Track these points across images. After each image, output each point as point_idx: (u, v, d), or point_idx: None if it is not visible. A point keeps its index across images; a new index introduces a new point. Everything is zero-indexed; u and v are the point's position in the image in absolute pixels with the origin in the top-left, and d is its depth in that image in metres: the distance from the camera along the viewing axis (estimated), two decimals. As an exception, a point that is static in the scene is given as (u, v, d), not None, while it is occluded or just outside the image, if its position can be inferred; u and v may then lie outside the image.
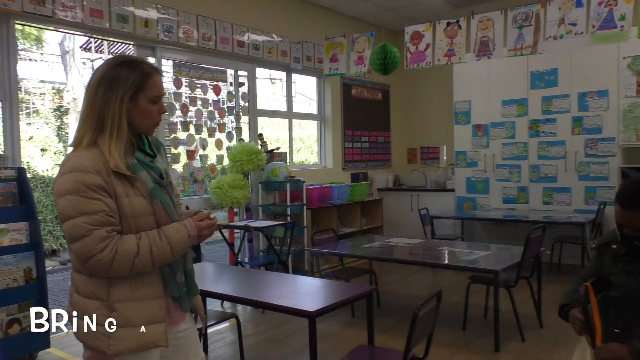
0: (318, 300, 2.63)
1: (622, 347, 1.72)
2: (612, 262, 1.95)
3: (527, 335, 3.67)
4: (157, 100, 1.58)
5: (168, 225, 1.56)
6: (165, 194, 1.61)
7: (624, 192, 1.88)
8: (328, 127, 6.85)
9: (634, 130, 5.42)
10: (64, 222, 1.45)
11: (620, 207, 1.86)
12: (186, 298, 1.65)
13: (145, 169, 1.56)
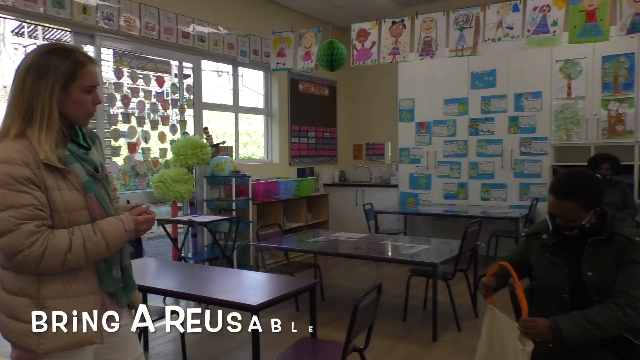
0: (261, 294, 2.64)
1: (545, 323, 1.79)
2: (540, 252, 2.02)
3: (463, 325, 3.83)
4: (91, 90, 1.53)
5: (103, 220, 1.52)
6: (100, 187, 1.56)
7: (558, 183, 1.96)
8: (275, 121, 6.83)
9: (564, 130, 5.75)
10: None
11: (554, 197, 1.92)
12: (123, 294, 1.61)
13: (79, 162, 1.51)
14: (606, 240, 1.90)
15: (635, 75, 5.34)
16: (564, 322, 1.76)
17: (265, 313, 4.23)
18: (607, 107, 5.50)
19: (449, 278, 3.81)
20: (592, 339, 1.76)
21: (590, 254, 1.91)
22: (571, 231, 1.91)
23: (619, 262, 1.86)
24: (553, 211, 1.94)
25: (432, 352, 3.36)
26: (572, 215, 1.89)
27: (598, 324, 1.74)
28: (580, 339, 1.75)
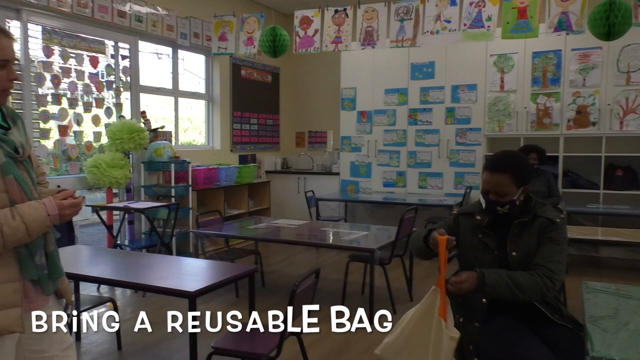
0: (199, 280, 2.62)
1: (472, 274, 1.91)
2: (472, 233, 2.11)
3: (399, 307, 3.96)
4: (4, 65, 1.45)
5: (24, 204, 1.45)
6: (22, 170, 1.50)
7: (492, 159, 2.08)
8: (216, 107, 6.72)
9: (497, 122, 6.02)
10: None
11: (489, 171, 2.03)
12: (47, 281, 1.55)
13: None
14: (529, 222, 2.04)
15: (561, 71, 5.66)
16: (489, 273, 1.90)
17: (205, 300, 4.22)
18: (536, 101, 5.81)
19: (385, 263, 3.92)
20: (509, 296, 1.89)
21: (515, 235, 2.04)
22: (503, 207, 2.01)
23: (539, 241, 2.01)
24: (487, 186, 2.05)
25: (368, 335, 3.45)
26: (505, 189, 2.00)
27: (519, 283, 1.88)
28: (499, 292, 1.88)
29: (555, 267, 1.92)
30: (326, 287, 4.60)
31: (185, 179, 5.47)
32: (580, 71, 5.58)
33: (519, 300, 1.91)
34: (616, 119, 5.46)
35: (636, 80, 5.36)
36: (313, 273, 2.43)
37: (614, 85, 5.45)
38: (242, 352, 2.41)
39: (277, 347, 2.31)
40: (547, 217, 2.02)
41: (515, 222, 2.05)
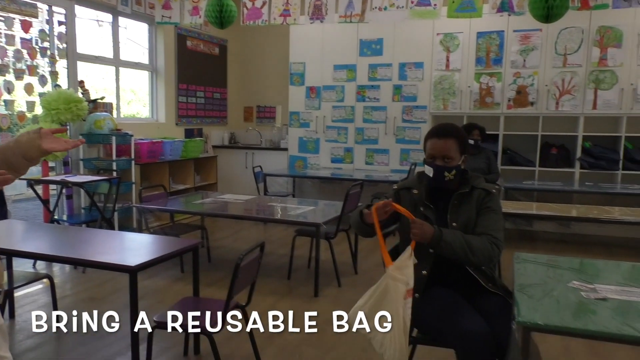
0: (141, 255, 2.56)
1: (430, 227, 1.97)
2: (412, 208, 2.16)
3: (344, 281, 4.05)
4: None
5: None
6: None
7: (438, 127, 2.16)
8: (160, 79, 6.50)
9: (442, 100, 6.16)
10: None
11: (437, 137, 2.11)
12: None
13: None
14: (468, 194, 2.13)
15: (504, 52, 5.84)
16: (446, 230, 1.99)
17: (149, 275, 4.16)
18: (479, 80, 5.98)
19: (331, 237, 3.98)
20: (462, 256, 1.97)
21: (455, 206, 2.13)
22: (450, 172, 2.09)
23: (478, 211, 2.11)
24: (434, 152, 2.11)
25: (312, 306, 3.53)
26: (452, 154, 2.09)
27: (472, 245, 1.97)
28: (454, 250, 1.96)
29: (498, 234, 2.04)
30: (273, 262, 4.62)
31: (128, 152, 5.29)
32: (521, 52, 5.78)
33: (468, 261, 2.00)
34: (553, 100, 5.72)
35: (572, 62, 5.61)
36: (257, 247, 2.44)
37: (551, 67, 5.68)
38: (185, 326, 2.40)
39: (221, 319, 2.30)
40: (483, 188, 2.13)
41: (455, 194, 2.13)
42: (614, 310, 1.68)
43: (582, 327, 1.55)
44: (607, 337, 1.53)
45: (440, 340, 1.95)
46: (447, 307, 1.98)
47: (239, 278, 2.25)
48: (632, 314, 1.65)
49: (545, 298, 1.79)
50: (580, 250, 5.15)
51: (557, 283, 1.97)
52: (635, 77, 5.42)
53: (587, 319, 1.60)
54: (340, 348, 2.87)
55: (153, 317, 2.37)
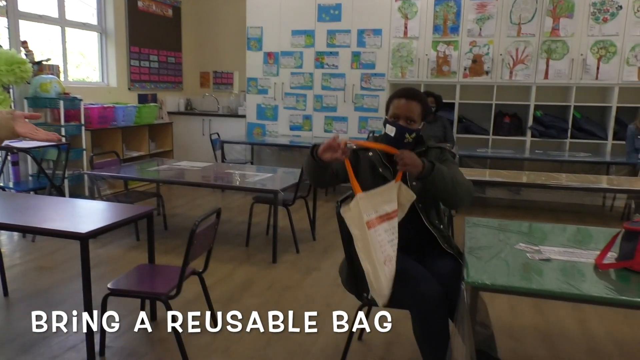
0: (92, 222, 2.49)
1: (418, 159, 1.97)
2: (371, 169, 2.19)
3: (302, 247, 4.09)
4: None
5: None
6: None
7: (406, 89, 2.17)
8: (110, 41, 6.22)
9: (399, 68, 6.18)
10: None
11: (404, 98, 2.11)
12: None
13: None
14: (424, 153, 2.17)
15: (460, 20, 5.89)
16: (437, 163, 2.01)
17: (103, 244, 4.07)
18: (437, 49, 6.02)
19: (289, 204, 3.99)
20: (449, 187, 1.99)
21: None
22: (410, 134, 2.11)
23: None
24: (399, 111, 2.12)
25: (270, 273, 3.55)
26: (415, 116, 2.12)
27: (457, 179, 2.02)
28: (444, 178, 1.97)
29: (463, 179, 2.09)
30: (231, 229, 4.61)
31: (77, 117, 5.08)
32: (477, 21, 5.84)
33: (454, 194, 2.01)
34: (507, 69, 5.83)
35: (526, 32, 5.72)
36: (214, 213, 2.42)
37: (506, 36, 5.78)
38: (141, 292, 2.38)
39: (177, 286, 2.29)
40: (437, 146, 2.20)
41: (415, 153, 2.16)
42: (556, 270, 1.77)
43: (527, 286, 1.63)
44: (549, 296, 1.61)
45: (395, 303, 2.00)
46: (402, 271, 2.03)
47: (194, 244, 2.23)
48: (573, 273, 1.75)
49: (493, 260, 1.87)
50: (530, 215, 5.38)
51: (505, 246, 2.05)
52: (585, 47, 5.59)
53: (531, 279, 1.68)
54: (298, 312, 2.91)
55: (107, 285, 2.33)
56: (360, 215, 1.86)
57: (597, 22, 5.54)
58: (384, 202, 1.92)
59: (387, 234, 1.89)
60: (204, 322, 2.75)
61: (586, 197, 5.90)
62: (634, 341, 2.65)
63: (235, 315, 2.86)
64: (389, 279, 1.88)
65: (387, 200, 1.93)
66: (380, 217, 1.90)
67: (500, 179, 4.48)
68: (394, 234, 1.91)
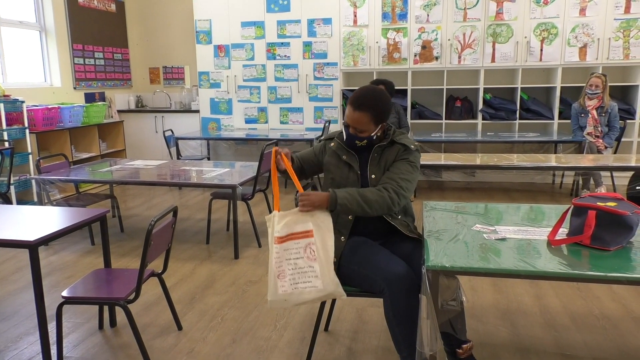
0: (41, 228, 2.38)
1: (320, 195, 2.01)
2: (337, 157, 2.23)
3: (263, 241, 4.05)
4: None
5: None
6: None
7: (356, 95, 2.15)
8: (51, 39, 5.95)
9: (351, 57, 6.19)
10: None
11: (352, 107, 2.13)
12: None
13: None
14: (388, 147, 2.20)
15: (408, 7, 5.94)
16: (340, 192, 2.02)
17: (55, 250, 3.92)
18: (387, 36, 6.06)
19: (248, 199, 3.94)
20: (360, 212, 2.03)
21: (375, 159, 2.19)
22: (361, 141, 2.14)
23: (394, 162, 2.17)
24: (349, 121, 2.15)
25: (233, 269, 3.51)
26: (364, 127, 2.12)
27: (367, 199, 2.02)
28: (351, 209, 2.01)
29: (403, 183, 2.09)
30: (190, 227, 4.52)
31: (20, 120, 4.85)
32: (424, 7, 5.91)
33: (368, 215, 2.05)
34: (455, 54, 5.94)
35: (472, 16, 5.83)
36: (170, 211, 2.35)
37: (453, 22, 5.88)
38: (97, 299, 2.30)
39: (136, 289, 2.23)
40: (403, 144, 2.19)
41: (375, 147, 2.19)
42: (512, 248, 1.83)
43: (485, 266, 1.67)
44: (507, 274, 1.66)
45: (365, 288, 2.02)
46: (369, 254, 2.05)
47: (151, 245, 2.17)
48: (527, 250, 1.80)
49: (451, 242, 1.90)
50: (485, 196, 5.53)
51: (463, 227, 2.10)
52: (529, 30, 5.76)
53: (489, 259, 1.73)
54: (263, 308, 2.89)
55: (61, 293, 2.24)
56: (273, 229, 1.98)
57: (538, 5, 5.71)
58: (296, 222, 1.97)
59: (293, 252, 1.94)
60: (166, 324, 2.70)
61: (537, 176, 6.12)
62: (588, 312, 2.77)
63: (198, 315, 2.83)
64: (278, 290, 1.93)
65: (299, 220, 1.98)
66: (289, 236, 1.96)
67: (455, 162, 4.58)
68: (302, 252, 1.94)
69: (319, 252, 1.92)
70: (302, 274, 1.91)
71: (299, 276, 1.92)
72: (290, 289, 1.91)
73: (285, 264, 1.93)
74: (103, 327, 2.70)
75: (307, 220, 1.97)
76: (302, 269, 1.91)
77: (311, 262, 1.91)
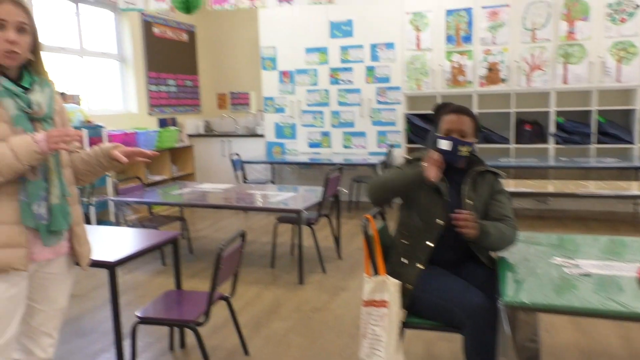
0: (119, 249, 2.50)
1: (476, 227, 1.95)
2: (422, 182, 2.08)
3: (328, 266, 4.05)
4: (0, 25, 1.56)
5: None
6: (38, 125, 1.63)
7: (454, 106, 2.20)
8: (129, 68, 6.34)
9: (414, 81, 6.16)
10: None
11: (455, 113, 2.15)
12: (47, 232, 1.64)
13: (12, 97, 1.58)
14: (482, 173, 2.20)
15: (472, 29, 5.85)
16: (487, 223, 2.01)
17: (129, 270, 4.09)
18: (451, 59, 5.99)
19: (313, 223, 3.97)
20: (498, 245, 2.06)
21: (470, 184, 2.17)
22: (464, 147, 2.11)
23: (491, 193, 2.18)
24: (452, 126, 2.14)
25: (298, 294, 3.52)
26: (468, 131, 2.14)
27: (504, 234, 2.04)
28: (492, 241, 2.01)
29: (514, 219, 2.12)
30: (256, 250, 4.60)
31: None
32: (490, 29, 5.80)
33: (498, 248, 2.08)
34: (523, 76, 5.77)
35: (540, 37, 5.65)
36: (239, 236, 2.41)
37: (520, 43, 5.72)
38: (170, 320, 2.37)
39: (206, 312, 2.28)
40: (494, 172, 2.22)
41: (470, 171, 2.18)
42: (596, 285, 1.71)
43: (567, 304, 1.58)
44: (591, 313, 1.55)
45: (442, 320, 1.96)
46: (447, 284, 2.00)
47: (221, 269, 2.22)
48: (614, 288, 1.68)
49: (529, 276, 1.81)
50: (558, 225, 5.26)
51: (539, 260, 2.00)
52: (604, 50, 5.51)
53: (571, 296, 1.63)
54: (328, 336, 2.87)
55: (136, 313, 2.32)
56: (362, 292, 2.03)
57: (614, 23, 5.45)
58: (376, 290, 2.00)
59: (372, 317, 1.97)
60: (233, 348, 2.73)
61: (617, 205, 5.75)
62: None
63: (264, 340, 2.84)
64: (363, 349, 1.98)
65: (379, 289, 1.99)
66: (372, 302, 2.00)
67: (526, 189, 4.39)
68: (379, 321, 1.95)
69: (391, 325, 1.93)
70: (377, 341, 1.94)
71: (374, 342, 1.94)
72: (368, 351, 1.95)
73: (368, 328, 1.97)
74: (173, 347, 2.77)
75: (384, 290, 1.97)
76: (378, 337, 1.94)
77: (384, 332, 1.93)
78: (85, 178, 1.87)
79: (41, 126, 1.64)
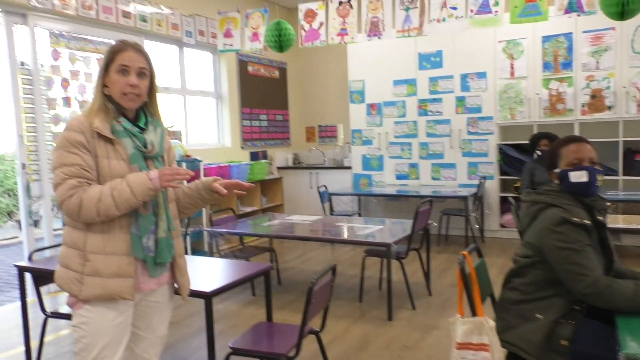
0: (215, 280, 2.58)
1: None
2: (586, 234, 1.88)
3: (417, 303, 3.91)
4: (124, 70, 1.69)
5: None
6: (150, 163, 1.76)
7: (570, 136, 2.09)
8: (225, 104, 6.69)
9: (508, 110, 5.92)
10: (52, 172, 1.66)
11: (579, 142, 2.01)
12: (153, 264, 1.75)
13: (130, 137, 1.71)
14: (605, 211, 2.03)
15: (573, 55, 5.55)
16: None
17: (221, 299, 4.21)
18: (548, 87, 5.69)
19: (402, 257, 3.87)
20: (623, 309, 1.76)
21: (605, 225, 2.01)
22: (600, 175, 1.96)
23: None
24: (580, 155, 1.98)
25: (387, 331, 3.42)
26: (595, 157, 1.99)
27: None
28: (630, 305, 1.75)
29: None
30: (343, 283, 4.56)
31: (197, 177, 5.43)
32: (593, 54, 5.46)
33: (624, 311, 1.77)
34: (633, 102, 5.34)
35: (652, 61, 5.23)
36: (330, 270, 2.39)
37: (629, 67, 5.32)
38: (261, 352, 2.38)
39: (296, 346, 2.27)
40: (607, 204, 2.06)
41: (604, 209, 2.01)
42: None
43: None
44: None
45: None
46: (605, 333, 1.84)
47: (312, 303, 2.21)
48: None
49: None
50: (676, 263, 4.72)
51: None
52: None
53: None
54: (419, 374, 2.74)
55: (229, 344, 2.37)
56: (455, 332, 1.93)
57: None
58: (473, 332, 1.88)
59: None
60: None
61: None
62: None
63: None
64: None
65: (476, 331, 1.88)
66: (467, 345, 1.88)
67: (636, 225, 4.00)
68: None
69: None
70: None
71: None
72: None
73: None
74: (263, 379, 2.78)
75: (483, 332, 1.86)
76: None
77: None
78: (187, 211, 1.97)
79: (153, 164, 1.76)
